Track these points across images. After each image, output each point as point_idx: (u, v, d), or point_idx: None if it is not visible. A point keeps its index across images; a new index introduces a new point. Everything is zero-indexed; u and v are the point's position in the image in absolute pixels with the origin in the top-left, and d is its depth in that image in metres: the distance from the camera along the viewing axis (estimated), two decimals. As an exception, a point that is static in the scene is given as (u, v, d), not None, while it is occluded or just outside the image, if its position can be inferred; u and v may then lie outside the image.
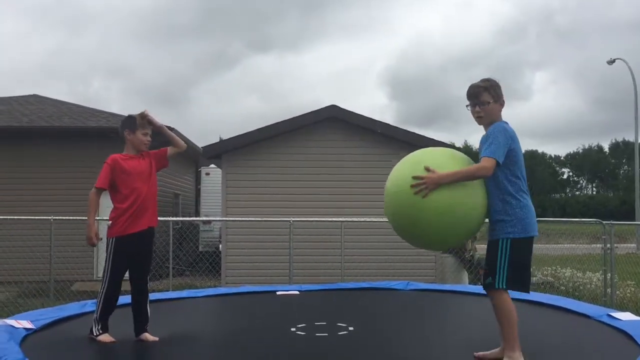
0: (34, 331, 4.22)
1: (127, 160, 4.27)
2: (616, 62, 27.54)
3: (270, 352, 3.80)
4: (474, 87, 3.40)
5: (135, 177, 4.23)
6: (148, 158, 4.41)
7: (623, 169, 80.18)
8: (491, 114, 3.36)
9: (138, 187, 4.22)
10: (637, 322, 4.30)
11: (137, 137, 4.31)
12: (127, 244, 4.17)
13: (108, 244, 4.21)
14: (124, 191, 4.19)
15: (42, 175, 13.39)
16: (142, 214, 4.22)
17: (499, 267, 3.21)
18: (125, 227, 4.16)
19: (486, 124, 3.38)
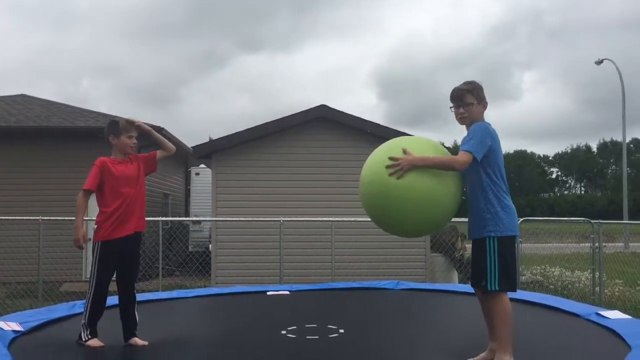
0: (22, 333, 4.19)
1: (116, 165, 4.24)
2: (604, 63, 27.74)
3: (259, 356, 3.78)
4: (457, 89, 3.45)
5: (123, 181, 4.20)
6: (136, 162, 4.37)
7: (611, 169, 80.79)
8: (474, 115, 3.40)
9: (125, 191, 4.18)
10: (625, 320, 4.33)
11: (122, 141, 4.28)
12: (113, 248, 4.13)
13: (94, 248, 4.17)
14: (110, 195, 4.15)
15: (30, 175, 13.28)
16: (128, 218, 4.18)
17: (490, 268, 3.22)
18: (111, 231, 4.12)
19: (468, 125, 3.43)
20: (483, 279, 3.25)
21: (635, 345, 3.57)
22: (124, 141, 4.28)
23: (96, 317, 4.12)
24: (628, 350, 3.51)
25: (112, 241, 4.12)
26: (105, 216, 4.14)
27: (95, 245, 4.17)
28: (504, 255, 3.25)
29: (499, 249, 3.23)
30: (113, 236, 4.12)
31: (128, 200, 4.18)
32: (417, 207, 3.14)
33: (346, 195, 11.20)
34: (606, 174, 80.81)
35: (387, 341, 4.12)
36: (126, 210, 4.17)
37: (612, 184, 73.04)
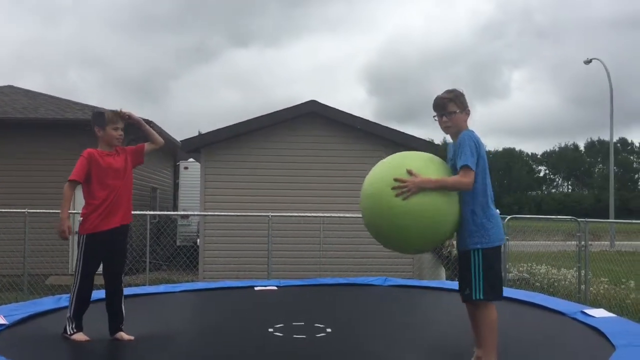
0: (6, 327, 4.15)
1: (104, 157, 4.20)
2: (593, 62, 27.87)
3: (246, 356, 3.74)
4: (439, 98, 3.46)
5: (110, 173, 4.16)
6: (124, 154, 4.33)
7: (598, 168, 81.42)
8: (458, 123, 3.41)
9: (111, 183, 4.14)
10: (610, 319, 4.36)
11: (108, 133, 4.23)
12: (99, 241, 4.10)
13: (79, 241, 4.13)
14: (96, 187, 4.11)
15: (17, 167, 13.16)
16: (115, 210, 4.15)
17: (475, 279, 3.23)
18: (97, 223, 4.09)
19: (453, 133, 3.44)
20: (468, 287, 3.26)
21: (619, 345, 3.60)
22: (109, 133, 4.23)
23: (82, 310, 4.08)
24: (612, 350, 3.54)
25: (98, 234, 4.09)
26: (91, 208, 4.10)
27: (80, 238, 4.13)
28: (489, 266, 3.26)
29: (483, 261, 3.24)
30: (99, 229, 4.09)
31: (115, 192, 4.15)
32: (423, 227, 3.16)
33: (335, 191, 11.21)
34: (593, 173, 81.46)
35: (375, 340, 4.11)
36: (113, 202, 4.13)
37: (598, 183, 73.65)
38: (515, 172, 77.35)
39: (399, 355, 3.77)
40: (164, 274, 12.71)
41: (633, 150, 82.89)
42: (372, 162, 3.35)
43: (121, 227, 4.21)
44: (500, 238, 3.31)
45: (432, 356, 3.71)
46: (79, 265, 4.11)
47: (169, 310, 5.10)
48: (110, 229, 4.12)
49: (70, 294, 4.14)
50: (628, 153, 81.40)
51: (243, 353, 3.78)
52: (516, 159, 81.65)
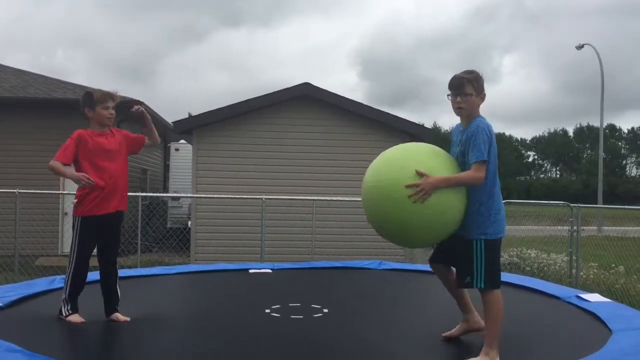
0: (1, 308, 4.10)
1: (94, 137, 4.11)
2: (583, 48, 27.85)
3: (245, 335, 3.74)
4: (458, 77, 3.32)
5: (100, 154, 4.07)
6: (119, 136, 4.24)
7: (586, 153, 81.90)
8: (472, 106, 3.30)
9: (102, 165, 4.06)
10: (605, 303, 4.39)
11: (98, 113, 4.13)
12: (93, 224, 4.04)
13: (74, 222, 4.08)
14: (90, 169, 4.01)
15: (5, 147, 13.02)
16: (111, 195, 4.07)
17: (477, 268, 3.19)
18: (92, 207, 4.02)
19: (464, 116, 3.33)
20: (469, 276, 3.23)
21: (616, 329, 3.61)
22: (100, 112, 4.13)
23: (77, 292, 4.04)
24: (609, 334, 3.55)
25: (92, 217, 4.03)
26: (86, 191, 4.03)
27: (75, 220, 4.07)
28: (492, 257, 3.23)
29: (486, 252, 3.19)
30: (93, 212, 4.03)
31: (110, 174, 4.06)
32: (438, 225, 3.14)
33: (328, 174, 11.19)
34: (581, 159, 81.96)
35: (372, 321, 4.12)
36: (110, 187, 4.06)
37: (587, 168, 74.13)
38: (505, 157, 77.65)
39: (396, 335, 3.77)
40: (155, 255, 12.67)
41: (621, 136, 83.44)
42: (366, 145, 3.34)
43: (116, 213, 4.15)
44: (503, 230, 3.27)
45: (429, 336, 3.72)
46: (73, 246, 4.06)
47: (164, 292, 5.08)
48: (105, 214, 4.06)
49: (65, 276, 4.10)
50: (616, 139, 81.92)
51: (241, 334, 3.77)
52: (505, 144, 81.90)
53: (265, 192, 9.83)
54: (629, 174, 79.75)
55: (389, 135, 11.45)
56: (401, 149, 3.36)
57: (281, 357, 3.31)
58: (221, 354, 3.37)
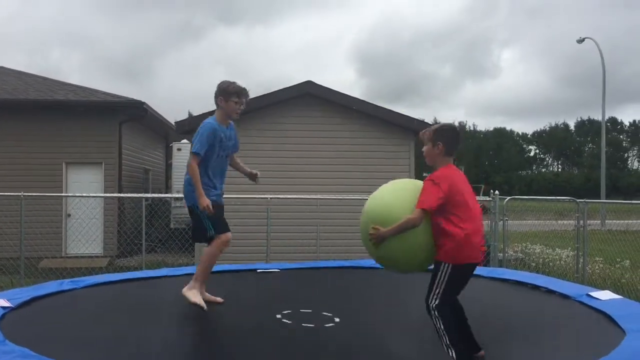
0: (11, 309, 4.09)
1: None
2: (584, 41, 27.76)
3: (258, 343, 3.69)
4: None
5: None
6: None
7: (588, 147, 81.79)
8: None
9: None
10: (617, 301, 4.36)
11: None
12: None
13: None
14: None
15: (8, 149, 13.01)
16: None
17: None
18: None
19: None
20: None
21: (629, 330, 3.57)
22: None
23: None
24: (623, 335, 3.51)
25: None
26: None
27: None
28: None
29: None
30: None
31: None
32: (400, 261, 3.55)
33: (332, 172, 11.18)
34: (583, 152, 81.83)
35: (383, 328, 4.07)
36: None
37: (588, 162, 74.04)
38: (506, 151, 77.58)
39: (412, 337, 3.75)
40: (159, 256, 12.67)
41: (623, 129, 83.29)
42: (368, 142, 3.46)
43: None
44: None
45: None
46: None
47: (172, 294, 5.04)
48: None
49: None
50: (618, 132, 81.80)
51: (253, 341, 3.72)
52: (507, 138, 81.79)
53: (269, 192, 9.81)
54: (630, 167, 79.66)
55: (391, 132, 11.44)
56: (378, 197, 3.69)
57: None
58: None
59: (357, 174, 11.18)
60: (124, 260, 12.36)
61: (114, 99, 13.73)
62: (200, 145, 4.31)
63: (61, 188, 12.83)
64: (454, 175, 3.47)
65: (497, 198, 8.86)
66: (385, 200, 3.63)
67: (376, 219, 3.50)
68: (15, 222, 9.05)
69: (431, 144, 3.51)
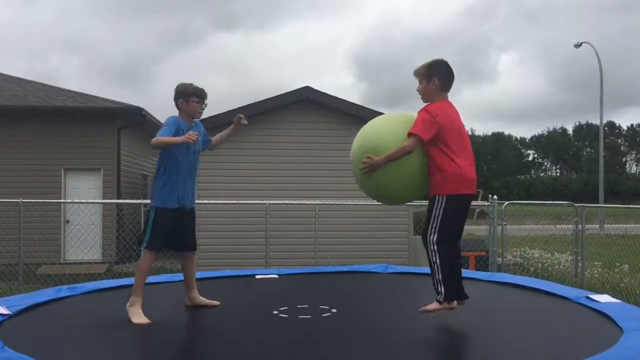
0: (9, 317, 4.08)
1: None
2: (581, 45, 27.86)
3: (254, 335, 3.75)
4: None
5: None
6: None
7: (586, 151, 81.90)
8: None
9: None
10: (616, 304, 4.37)
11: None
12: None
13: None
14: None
15: (6, 156, 13.01)
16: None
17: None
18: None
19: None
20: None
21: (627, 329, 3.60)
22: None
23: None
24: (621, 334, 3.54)
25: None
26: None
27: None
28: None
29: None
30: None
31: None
32: (393, 189, 3.68)
33: (330, 177, 11.19)
34: (581, 156, 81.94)
35: (381, 321, 4.11)
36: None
37: (587, 166, 74.13)
38: (504, 156, 77.67)
39: (407, 330, 3.77)
40: (157, 262, 12.64)
41: (621, 133, 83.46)
42: None
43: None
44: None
45: (441, 337, 3.71)
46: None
47: (172, 298, 5.04)
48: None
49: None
50: (616, 136, 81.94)
51: (249, 334, 3.78)
52: (505, 143, 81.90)
53: (267, 197, 9.82)
54: (628, 171, 79.77)
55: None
56: (371, 127, 3.90)
57: (292, 356, 3.30)
58: (231, 354, 3.37)
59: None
60: (122, 266, 12.34)
61: (113, 105, 13.75)
62: (165, 129, 4.29)
63: (60, 194, 12.83)
64: (449, 110, 3.48)
65: (495, 203, 8.87)
66: (377, 129, 3.73)
67: (368, 149, 3.57)
68: (13, 228, 9.05)
69: (426, 81, 3.55)
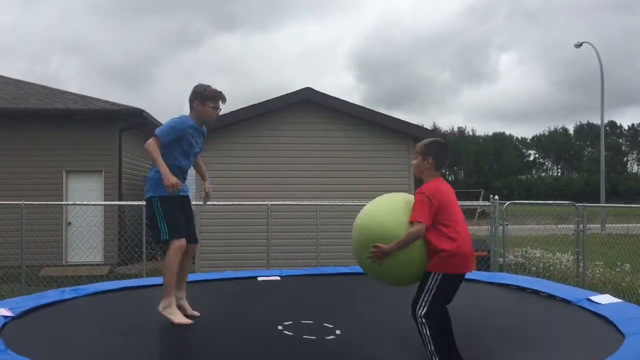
0: (12, 318, 4.10)
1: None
2: (581, 45, 27.83)
3: (259, 356, 3.70)
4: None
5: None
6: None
7: (587, 151, 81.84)
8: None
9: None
10: (617, 305, 4.37)
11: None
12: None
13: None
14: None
15: (8, 158, 13.04)
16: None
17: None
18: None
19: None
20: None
21: (628, 333, 3.59)
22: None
23: None
24: (622, 339, 3.52)
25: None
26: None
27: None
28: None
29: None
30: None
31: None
32: (399, 277, 3.55)
33: (332, 178, 11.19)
34: (582, 156, 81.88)
35: (382, 320, 4.09)
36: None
37: (588, 166, 74.08)
38: (505, 156, 77.63)
39: (409, 334, 3.76)
40: (159, 263, 12.65)
41: (622, 133, 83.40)
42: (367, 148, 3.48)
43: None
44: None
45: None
46: None
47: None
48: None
49: None
50: (617, 136, 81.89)
51: (254, 354, 3.72)
52: (506, 143, 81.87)
53: (269, 198, 9.83)
54: (630, 171, 79.70)
55: (390, 138, 11.47)
56: (369, 216, 3.68)
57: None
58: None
59: (357, 179, 11.20)
60: (124, 268, 12.36)
61: (114, 107, 13.76)
62: (168, 131, 4.17)
63: (62, 196, 12.85)
64: (443, 188, 3.53)
65: (496, 203, 8.88)
66: (377, 218, 3.61)
67: (372, 237, 3.47)
68: (16, 230, 9.06)
69: (421, 157, 3.58)
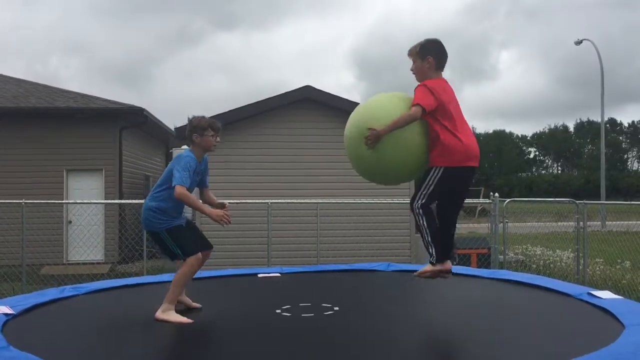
0: (13, 316, 4.10)
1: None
2: (581, 42, 27.81)
3: (256, 334, 3.76)
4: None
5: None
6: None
7: (587, 149, 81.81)
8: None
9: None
10: (617, 300, 4.38)
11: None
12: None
13: None
14: None
15: (9, 157, 13.05)
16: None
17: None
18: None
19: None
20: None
21: (629, 324, 3.61)
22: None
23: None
24: (622, 329, 3.55)
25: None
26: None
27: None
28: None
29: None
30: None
31: None
32: (394, 164, 3.61)
33: (331, 177, 11.20)
34: (582, 154, 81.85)
35: (383, 317, 4.12)
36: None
37: (588, 164, 74.06)
38: (505, 154, 77.61)
39: (412, 328, 3.79)
40: (160, 262, 12.67)
41: (622, 130, 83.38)
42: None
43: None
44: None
45: (444, 333, 3.73)
46: None
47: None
48: None
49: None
50: (617, 133, 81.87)
51: (252, 332, 3.79)
52: (506, 140, 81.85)
53: (269, 197, 9.83)
54: (630, 168, 79.70)
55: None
56: (368, 105, 3.81)
57: (295, 355, 3.31)
58: (234, 354, 3.38)
59: (357, 177, 11.13)
60: (125, 266, 12.37)
61: (114, 105, 13.77)
62: (187, 176, 4.22)
63: (62, 195, 12.86)
64: (446, 86, 3.48)
65: (497, 200, 8.88)
66: (374, 103, 3.68)
67: (369, 120, 3.50)
68: (16, 229, 9.07)
69: (420, 60, 3.53)
